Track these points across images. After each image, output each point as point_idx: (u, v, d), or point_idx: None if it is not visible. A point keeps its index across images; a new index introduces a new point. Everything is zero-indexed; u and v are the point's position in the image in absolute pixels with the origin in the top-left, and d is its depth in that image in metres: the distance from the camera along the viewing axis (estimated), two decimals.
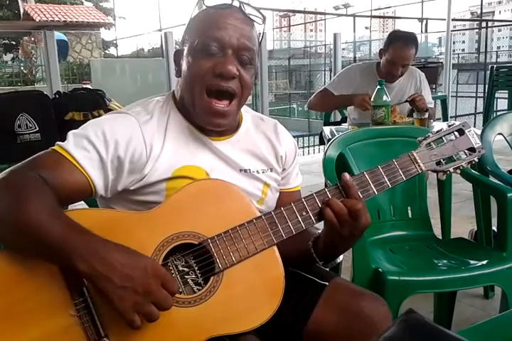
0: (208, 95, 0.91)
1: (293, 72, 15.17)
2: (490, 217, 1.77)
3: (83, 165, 0.85)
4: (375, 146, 1.73)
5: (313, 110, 3.10)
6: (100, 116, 0.98)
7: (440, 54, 10.29)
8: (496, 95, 4.49)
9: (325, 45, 12.85)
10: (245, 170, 0.99)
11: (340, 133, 1.88)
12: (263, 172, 1.02)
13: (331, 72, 5.90)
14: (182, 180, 0.90)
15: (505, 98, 4.61)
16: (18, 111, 2.51)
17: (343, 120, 2.83)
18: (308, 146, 5.96)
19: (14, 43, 15.21)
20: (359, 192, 0.90)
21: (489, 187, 1.58)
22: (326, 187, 0.91)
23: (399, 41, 2.38)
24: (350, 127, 2.43)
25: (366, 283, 1.34)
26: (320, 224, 0.92)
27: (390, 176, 0.92)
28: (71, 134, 0.89)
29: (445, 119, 4.24)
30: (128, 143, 0.89)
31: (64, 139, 0.89)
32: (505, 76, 4.27)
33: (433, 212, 1.75)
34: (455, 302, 1.71)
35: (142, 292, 0.74)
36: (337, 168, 1.58)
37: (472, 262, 1.45)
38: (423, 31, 12.18)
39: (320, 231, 0.96)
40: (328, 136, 2.60)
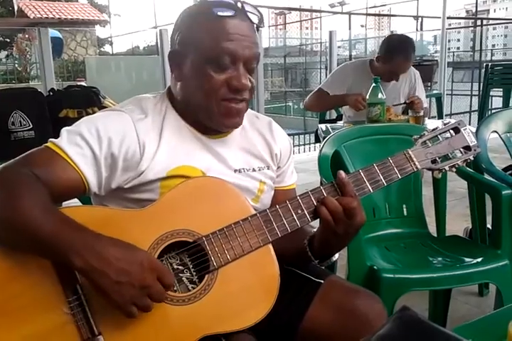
0: (224, 101, 0.91)
1: (288, 70, 15.16)
2: (485, 215, 1.78)
3: (76, 161, 0.85)
4: (371, 144, 1.73)
5: (309, 111, 3.09)
6: (94, 113, 0.98)
7: (435, 52, 10.31)
8: (491, 93, 4.51)
9: (320, 43, 12.86)
10: (241, 169, 0.99)
11: (335, 130, 1.88)
12: (259, 170, 1.01)
13: (327, 70, 5.90)
14: (177, 179, 0.90)
15: (499, 96, 4.63)
16: (12, 108, 2.49)
17: (339, 118, 2.83)
18: (303, 144, 5.95)
19: (8, 40, 15.13)
20: (354, 190, 0.90)
21: (484, 184, 1.59)
22: (322, 185, 0.91)
23: (400, 57, 2.37)
24: (345, 125, 2.43)
25: (361, 281, 1.34)
26: (315, 223, 0.92)
27: (385, 174, 0.92)
28: (64, 131, 0.88)
29: (440, 117, 4.25)
30: (122, 140, 0.88)
31: (58, 136, 0.88)
32: (500, 74, 4.29)
33: (428, 210, 1.75)
34: (450, 299, 1.72)
35: (138, 286, 0.74)
36: (332, 166, 1.58)
37: (467, 260, 1.46)
38: (418, 29, 12.19)
39: (315, 229, 0.96)
40: (322, 134, 2.61)
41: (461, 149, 0.97)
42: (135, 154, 0.89)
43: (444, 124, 0.97)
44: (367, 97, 2.18)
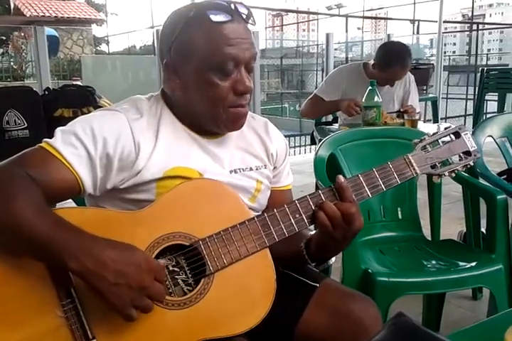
0: (232, 107, 0.92)
1: (285, 72, 15.16)
2: (479, 219, 1.78)
3: (71, 161, 0.84)
4: (367, 147, 1.73)
5: (306, 117, 3.05)
6: (90, 113, 0.97)
7: (431, 55, 10.34)
8: (486, 97, 4.54)
9: (317, 45, 12.85)
10: (238, 169, 0.99)
11: (331, 133, 1.88)
12: (256, 169, 1.01)
13: (323, 72, 5.91)
14: (174, 180, 0.89)
15: (495, 100, 4.66)
16: (7, 107, 2.47)
17: (335, 120, 2.83)
18: (299, 146, 5.96)
19: (4, 38, 15.03)
20: (353, 194, 0.89)
21: (479, 189, 1.59)
22: (320, 189, 0.91)
23: (397, 66, 2.36)
24: (340, 127, 2.43)
25: (356, 284, 1.34)
26: (312, 225, 0.92)
27: (385, 179, 0.92)
28: (59, 131, 0.87)
29: (436, 121, 4.27)
30: (117, 140, 0.87)
31: (52, 136, 0.87)
32: (495, 78, 4.32)
33: (422, 213, 1.75)
34: (444, 303, 1.72)
35: (137, 287, 0.74)
36: (328, 169, 1.58)
37: (461, 264, 1.46)
38: (415, 33, 12.23)
39: (312, 232, 0.95)
40: (318, 137, 2.61)
41: (460, 154, 0.96)
42: (130, 154, 0.88)
43: (445, 129, 0.97)
44: (363, 100, 2.18)
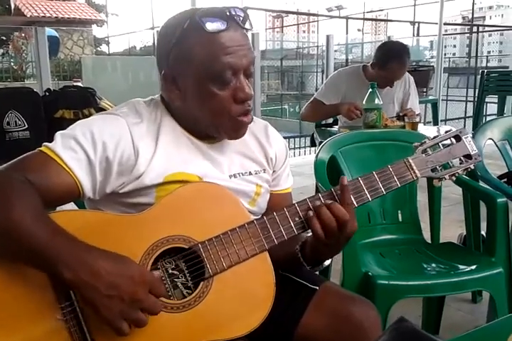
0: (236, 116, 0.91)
1: (285, 73, 15.18)
2: (479, 222, 1.78)
3: (70, 166, 0.83)
4: (367, 149, 1.73)
5: (306, 121, 3.04)
6: (91, 114, 0.97)
7: (431, 57, 10.35)
8: (486, 100, 4.54)
9: (317, 47, 12.85)
10: (238, 174, 0.99)
11: (331, 135, 1.88)
12: (256, 173, 1.01)
13: (323, 74, 5.91)
14: (174, 185, 0.89)
15: (494, 103, 4.66)
16: (8, 108, 2.48)
17: (335, 122, 2.83)
18: (299, 147, 5.96)
19: (4, 38, 15.04)
20: (353, 197, 0.89)
21: (479, 192, 1.59)
22: (320, 192, 0.91)
23: (395, 62, 2.37)
24: (341, 130, 2.43)
25: (356, 287, 1.34)
26: None
27: (385, 182, 0.91)
28: (59, 135, 0.87)
29: (435, 123, 4.27)
30: (117, 144, 0.87)
31: (53, 137, 0.87)
32: (495, 81, 4.32)
33: (422, 216, 1.75)
34: (443, 306, 1.72)
35: (129, 300, 0.73)
36: (328, 171, 1.58)
37: (461, 267, 1.46)
38: (415, 34, 12.24)
39: (308, 234, 0.95)
40: (318, 139, 2.60)
41: (461, 157, 0.96)
42: (130, 158, 0.88)
43: (446, 132, 0.97)
44: (363, 103, 2.18)
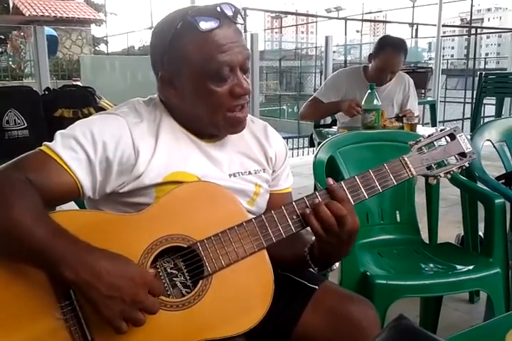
0: (231, 112, 0.92)
1: (284, 74, 15.20)
2: (477, 222, 1.79)
3: (71, 166, 0.83)
4: (366, 150, 1.73)
5: (305, 120, 3.03)
6: (90, 113, 0.97)
7: (430, 59, 10.37)
8: (484, 101, 4.55)
9: (316, 48, 12.87)
10: (237, 173, 0.99)
11: (330, 136, 1.89)
12: (255, 172, 1.01)
13: (322, 75, 5.91)
14: (173, 185, 0.89)
15: (492, 104, 4.67)
16: (7, 106, 2.47)
17: (333, 123, 2.84)
18: (297, 148, 5.96)
19: (3, 37, 15.01)
20: (349, 195, 0.89)
21: (477, 193, 1.60)
22: (317, 190, 0.91)
23: (389, 48, 2.39)
24: (339, 130, 2.44)
25: (354, 287, 1.34)
26: None
27: (381, 180, 0.92)
28: (59, 134, 0.87)
29: (434, 124, 4.28)
30: (117, 144, 0.87)
31: (52, 136, 0.87)
32: (493, 83, 4.33)
33: (420, 216, 1.76)
34: (441, 306, 1.73)
35: (130, 301, 0.74)
36: (327, 171, 1.58)
37: (459, 267, 1.46)
38: (413, 36, 12.26)
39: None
40: (317, 139, 2.61)
41: (456, 156, 0.97)
42: (130, 158, 0.88)
43: (440, 131, 0.98)
44: (362, 103, 2.19)
